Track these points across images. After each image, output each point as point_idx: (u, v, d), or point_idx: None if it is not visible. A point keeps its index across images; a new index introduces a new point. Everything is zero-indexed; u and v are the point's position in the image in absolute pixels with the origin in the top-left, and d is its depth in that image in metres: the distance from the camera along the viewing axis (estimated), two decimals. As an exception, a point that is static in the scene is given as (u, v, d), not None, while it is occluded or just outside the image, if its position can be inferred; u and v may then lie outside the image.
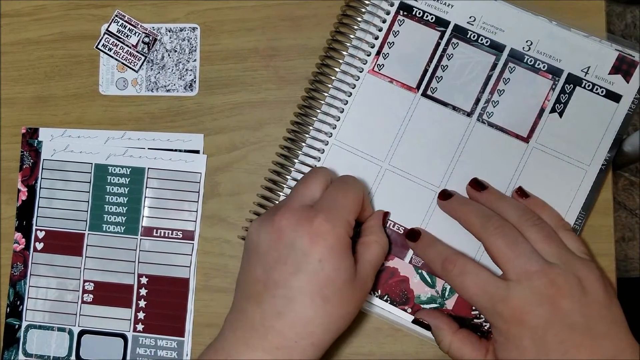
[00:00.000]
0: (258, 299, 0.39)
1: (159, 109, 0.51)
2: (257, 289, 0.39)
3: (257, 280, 0.39)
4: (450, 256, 0.42)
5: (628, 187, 0.72)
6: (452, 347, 0.42)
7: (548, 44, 0.46)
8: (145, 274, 0.49)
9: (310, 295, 0.38)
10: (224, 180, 0.50)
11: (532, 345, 0.38)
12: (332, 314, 0.39)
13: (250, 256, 0.41)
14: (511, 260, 0.40)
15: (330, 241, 0.38)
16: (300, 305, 0.38)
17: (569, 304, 0.38)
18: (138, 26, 0.51)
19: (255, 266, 0.40)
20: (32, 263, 0.50)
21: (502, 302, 0.39)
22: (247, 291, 0.40)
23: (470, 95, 0.46)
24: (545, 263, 0.39)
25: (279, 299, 0.38)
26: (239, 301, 0.41)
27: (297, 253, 0.38)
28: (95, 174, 0.51)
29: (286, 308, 0.38)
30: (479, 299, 0.40)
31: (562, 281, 0.39)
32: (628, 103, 0.45)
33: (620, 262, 0.71)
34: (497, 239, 0.40)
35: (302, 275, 0.38)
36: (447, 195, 0.45)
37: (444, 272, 0.42)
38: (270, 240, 0.40)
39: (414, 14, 0.47)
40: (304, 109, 0.47)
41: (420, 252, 0.45)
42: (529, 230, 0.41)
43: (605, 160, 0.45)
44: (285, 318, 0.38)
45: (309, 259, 0.38)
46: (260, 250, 0.40)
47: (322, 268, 0.38)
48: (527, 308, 0.38)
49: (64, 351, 0.50)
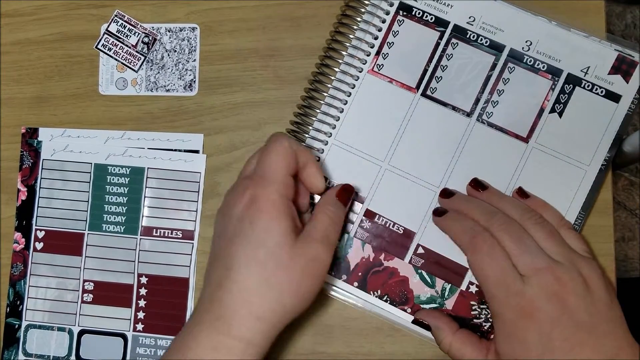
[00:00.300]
0: (209, 276, 0.40)
1: (159, 108, 0.51)
2: (208, 268, 0.41)
3: (210, 260, 0.41)
4: (483, 233, 0.41)
5: (628, 187, 0.72)
6: (452, 347, 0.42)
7: (548, 44, 0.46)
8: (145, 274, 0.49)
9: (245, 260, 0.38)
10: (224, 180, 0.50)
11: (538, 341, 0.38)
12: (271, 282, 0.38)
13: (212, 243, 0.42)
14: (517, 256, 0.40)
15: (260, 203, 0.39)
16: (237, 272, 0.38)
17: (575, 301, 0.38)
18: (138, 26, 0.51)
19: (212, 249, 0.41)
20: (31, 263, 0.50)
21: (515, 295, 0.39)
22: (205, 275, 0.41)
23: (469, 95, 0.46)
24: (552, 260, 0.39)
25: (219, 269, 0.39)
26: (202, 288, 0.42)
27: (234, 222, 0.39)
28: (95, 174, 0.51)
29: (225, 276, 0.39)
30: (494, 286, 0.39)
31: (568, 279, 0.39)
32: (628, 103, 0.45)
33: (620, 262, 0.71)
34: (502, 235, 0.40)
35: (236, 239, 0.39)
36: (449, 193, 0.45)
37: (471, 247, 0.41)
38: (220, 222, 0.41)
39: (414, 14, 0.47)
40: (303, 109, 0.47)
41: (446, 225, 0.44)
42: (532, 228, 0.41)
43: (604, 160, 0.45)
44: (225, 287, 0.38)
45: (242, 224, 0.39)
46: (215, 234, 0.42)
47: (252, 230, 0.38)
48: (537, 303, 0.38)
49: (64, 351, 0.50)
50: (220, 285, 0.39)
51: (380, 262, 0.46)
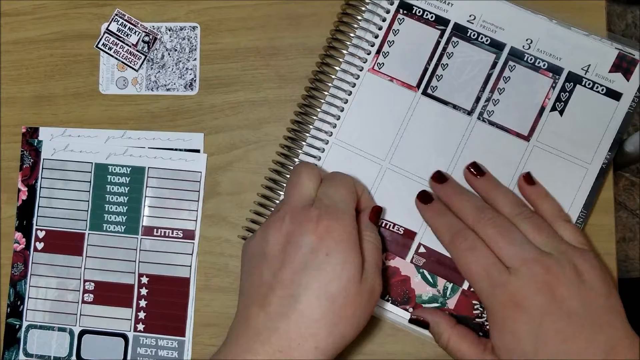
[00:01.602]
0: (263, 301, 0.38)
1: (159, 108, 0.51)
2: (262, 291, 0.39)
3: (262, 283, 0.39)
4: (463, 230, 0.41)
5: (629, 187, 0.72)
6: (450, 341, 0.42)
7: (548, 42, 0.46)
8: (145, 274, 0.49)
9: (317, 292, 0.37)
10: (225, 180, 0.50)
11: (529, 331, 0.38)
12: (338, 315, 0.38)
13: (257, 262, 0.40)
14: (504, 248, 0.40)
15: (337, 235, 0.38)
16: (306, 304, 0.37)
17: (566, 292, 0.38)
18: (138, 25, 0.51)
19: (262, 270, 0.39)
20: (32, 263, 0.50)
21: (501, 287, 0.39)
22: (252, 296, 0.39)
23: (470, 93, 0.46)
24: (540, 251, 0.39)
25: (284, 298, 0.38)
26: (243, 308, 0.40)
27: (305, 251, 0.38)
28: (96, 174, 0.50)
29: (291, 308, 0.37)
30: (480, 280, 0.40)
31: (558, 269, 0.39)
32: (628, 101, 0.45)
33: (621, 262, 0.71)
34: (489, 229, 0.41)
35: (308, 271, 0.38)
36: (442, 178, 0.45)
37: (452, 245, 0.41)
38: (277, 244, 0.39)
39: (414, 12, 0.47)
40: (304, 108, 0.47)
41: (429, 218, 0.44)
42: (522, 222, 0.41)
43: (606, 159, 0.45)
44: (290, 318, 0.37)
45: (317, 254, 0.38)
46: (268, 256, 0.39)
47: (328, 261, 0.38)
48: (524, 294, 0.38)
49: (65, 351, 0.50)
50: (284, 316, 0.37)
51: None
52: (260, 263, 0.40)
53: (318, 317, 0.37)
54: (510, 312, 0.38)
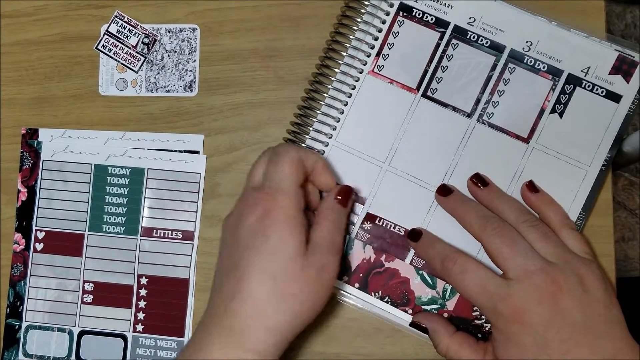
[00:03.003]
0: (220, 287, 0.40)
1: (159, 109, 0.51)
2: (220, 275, 0.41)
3: (220, 268, 0.41)
4: (451, 254, 0.42)
5: (628, 187, 0.72)
6: (449, 350, 0.42)
7: (548, 44, 0.46)
8: (145, 275, 0.49)
9: (258, 272, 0.38)
10: (224, 181, 0.50)
11: (533, 343, 0.38)
12: (282, 293, 0.38)
13: (220, 249, 0.42)
14: (509, 259, 0.40)
15: (273, 217, 0.39)
16: (248, 282, 0.38)
17: (570, 302, 0.38)
18: (138, 27, 0.51)
19: (221, 259, 0.42)
20: (32, 264, 0.50)
21: (502, 301, 0.39)
22: (215, 281, 0.42)
23: (470, 96, 0.46)
24: (545, 262, 0.39)
25: (233, 279, 0.39)
26: (210, 297, 0.42)
27: (246, 233, 0.40)
28: (95, 175, 0.50)
29: (237, 288, 0.39)
30: (479, 298, 0.40)
31: (562, 279, 0.39)
32: (628, 103, 0.45)
33: (620, 262, 0.71)
34: (495, 239, 0.41)
35: (249, 251, 0.39)
36: (447, 190, 0.45)
37: (444, 270, 0.42)
38: (230, 232, 0.41)
39: (414, 14, 0.47)
40: (303, 110, 0.47)
41: (421, 252, 0.45)
42: (527, 230, 0.41)
43: (605, 161, 0.45)
44: (238, 298, 0.38)
45: (256, 235, 0.39)
46: (225, 242, 0.42)
47: (266, 240, 0.39)
48: (527, 306, 0.38)
49: (64, 352, 0.50)
50: (232, 297, 0.39)
51: (381, 264, 0.46)
52: (221, 249, 0.42)
53: (262, 295, 0.38)
54: (515, 326, 0.38)
